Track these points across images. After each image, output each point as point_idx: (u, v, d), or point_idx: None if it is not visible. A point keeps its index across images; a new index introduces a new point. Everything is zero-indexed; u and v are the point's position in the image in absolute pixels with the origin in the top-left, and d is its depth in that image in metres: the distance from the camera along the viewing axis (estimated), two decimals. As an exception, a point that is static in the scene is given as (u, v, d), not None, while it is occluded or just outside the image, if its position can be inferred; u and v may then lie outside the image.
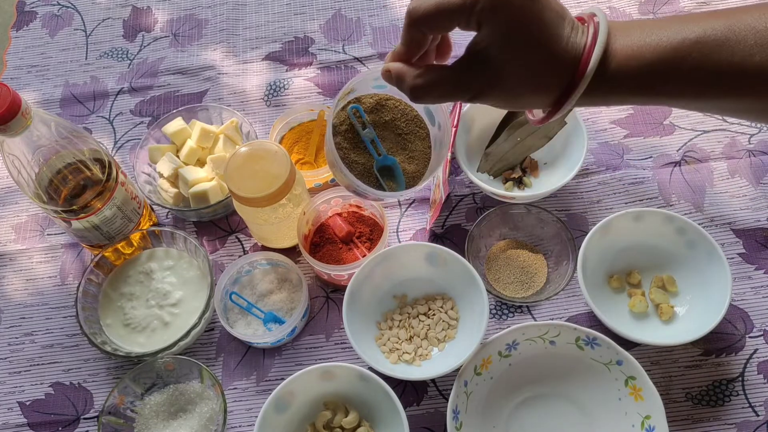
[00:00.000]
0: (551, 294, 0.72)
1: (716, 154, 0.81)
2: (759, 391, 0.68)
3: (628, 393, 0.64)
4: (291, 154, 0.80)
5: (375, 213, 0.76)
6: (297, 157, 0.81)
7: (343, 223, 0.76)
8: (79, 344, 0.75)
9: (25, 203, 0.84)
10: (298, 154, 0.82)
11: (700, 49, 0.40)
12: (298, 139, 0.82)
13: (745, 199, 0.78)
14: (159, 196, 0.80)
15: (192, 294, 0.74)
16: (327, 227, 0.76)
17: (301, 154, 0.82)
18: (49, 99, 0.92)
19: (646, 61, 0.41)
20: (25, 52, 0.97)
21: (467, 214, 0.80)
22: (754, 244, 0.75)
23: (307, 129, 0.83)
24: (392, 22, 0.95)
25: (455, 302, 0.72)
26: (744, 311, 0.72)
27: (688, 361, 0.70)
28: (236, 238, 0.81)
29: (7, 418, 0.72)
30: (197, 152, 0.81)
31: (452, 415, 0.63)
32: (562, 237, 0.74)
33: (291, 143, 0.82)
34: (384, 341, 0.71)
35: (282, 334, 0.70)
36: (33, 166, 0.64)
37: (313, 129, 0.82)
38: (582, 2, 0.93)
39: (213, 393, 0.69)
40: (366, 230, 0.76)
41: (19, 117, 0.58)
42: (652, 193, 0.79)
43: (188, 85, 0.92)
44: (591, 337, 0.65)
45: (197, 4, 0.99)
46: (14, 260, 0.81)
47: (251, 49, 0.94)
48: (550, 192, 0.75)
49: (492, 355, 0.67)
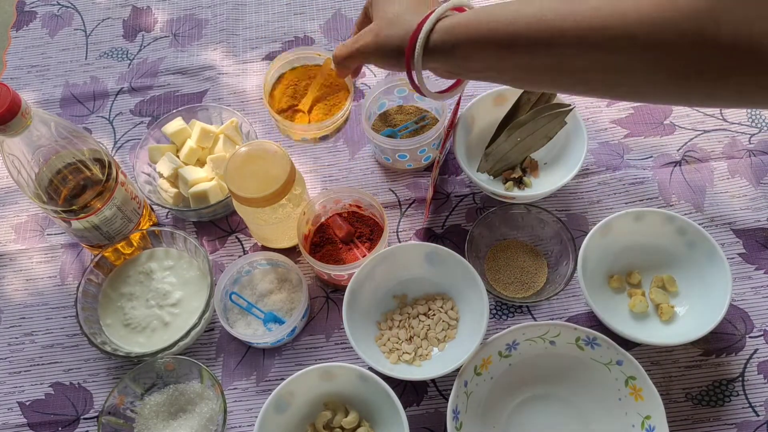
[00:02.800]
0: (551, 294, 0.72)
1: (716, 154, 0.81)
2: (759, 391, 0.68)
3: (628, 393, 0.64)
4: (284, 96, 0.73)
5: (375, 213, 0.76)
6: (290, 102, 0.73)
7: (343, 223, 0.76)
8: (79, 344, 0.75)
9: (25, 203, 0.84)
10: (293, 99, 0.73)
11: (482, 17, 0.50)
12: (297, 81, 0.73)
13: (745, 199, 0.78)
14: (159, 196, 0.80)
15: (192, 294, 0.74)
16: (327, 227, 0.76)
17: (297, 100, 0.73)
18: (49, 99, 0.92)
19: (456, 33, 0.51)
20: (25, 52, 0.97)
21: (467, 214, 0.80)
22: (754, 244, 0.75)
23: (310, 73, 0.73)
24: (392, 22, 0.95)
25: (455, 302, 0.72)
26: (744, 311, 0.72)
27: (688, 361, 0.70)
28: (236, 238, 0.81)
29: (7, 418, 0.72)
30: (197, 152, 0.81)
31: (452, 415, 0.63)
32: (562, 237, 0.74)
33: (288, 84, 0.73)
34: (384, 341, 0.71)
35: (282, 334, 0.70)
36: (33, 166, 0.64)
37: (316, 75, 0.73)
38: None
39: (213, 393, 0.69)
40: (366, 230, 0.76)
41: (19, 117, 0.58)
42: (652, 193, 0.79)
43: (188, 85, 0.92)
44: (591, 337, 0.65)
45: (197, 4, 0.99)
46: (14, 260, 0.81)
47: (251, 49, 0.94)
48: (550, 192, 0.75)
49: (492, 355, 0.67)
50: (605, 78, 0.45)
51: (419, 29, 0.53)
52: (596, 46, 0.44)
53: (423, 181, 0.82)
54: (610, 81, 0.46)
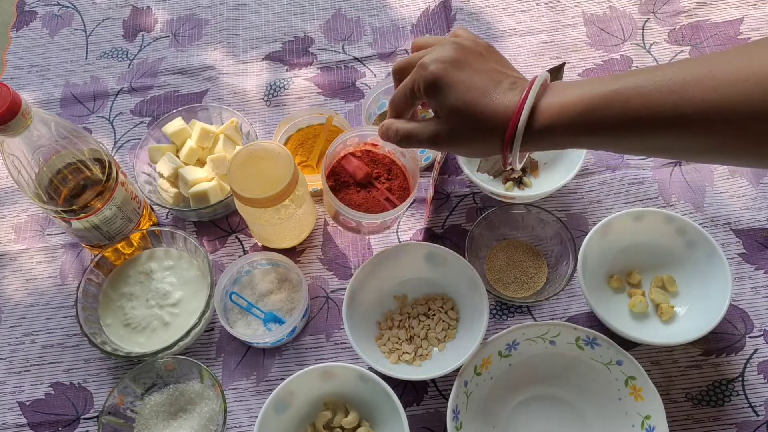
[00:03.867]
0: (551, 294, 0.72)
1: (716, 154, 0.81)
2: (759, 391, 0.68)
3: (628, 393, 0.64)
4: (295, 156, 0.80)
5: (392, 150, 0.70)
6: (299, 159, 0.81)
7: (360, 164, 0.70)
8: (79, 344, 0.75)
9: (25, 203, 0.84)
10: (301, 157, 0.81)
11: (618, 98, 0.45)
12: (304, 141, 0.82)
13: (745, 199, 0.78)
14: (159, 196, 0.80)
15: (192, 294, 0.74)
16: (341, 170, 0.70)
17: (305, 156, 0.81)
18: (49, 99, 0.92)
19: (571, 114, 0.47)
20: (25, 52, 0.97)
21: (467, 214, 0.80)
22: (754, 244, 0.75)
23: (315, 132, 0.82)
24: (392, 22, 0.95)
25: (455, 302, 0.72)
26: (744, 311, 0.72)
27: (688, 361, 0.70)
28: (236, 238, 0.81)
29: (7, 418, 0.72)
30: (197, 152, 0.81)
31: (452, 415, 0.63)
32: (562, 237, 0.74)
33: (296, 145, 0.82)
34: (384, 341, 0.71)
35: (282, 334, 0.70)
36: (33, 166, 0.64)
37: (320, 132, 0.81)
38: (582, 2, 0.93)
39: (213, 393, 0.69)
40: (383, 171, 0.71)
41: (19, 117, 0.58)
42: (652, 193, 0.79)
43: (188, 85, 0.92)
44: (591, 337, 0.65)
45: (197, 4, 0.99)
46: (14, 260, 0.81)
47: (251, 49, 0.94)
48: (550, 192, 0.75)
49: (492, 355, 0.67)
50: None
51: (518, 114, 0.48)
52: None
53: (423, 181, 0.82)
54: None
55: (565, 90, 0.48)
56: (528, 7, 0.94)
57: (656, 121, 0.44)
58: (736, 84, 0.41)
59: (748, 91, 0.41)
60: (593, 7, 0.93)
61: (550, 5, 0.94)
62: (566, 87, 0.48)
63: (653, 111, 0.44)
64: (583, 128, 0.47)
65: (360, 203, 0.69)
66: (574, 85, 0.48)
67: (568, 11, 0.93)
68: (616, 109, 0.45)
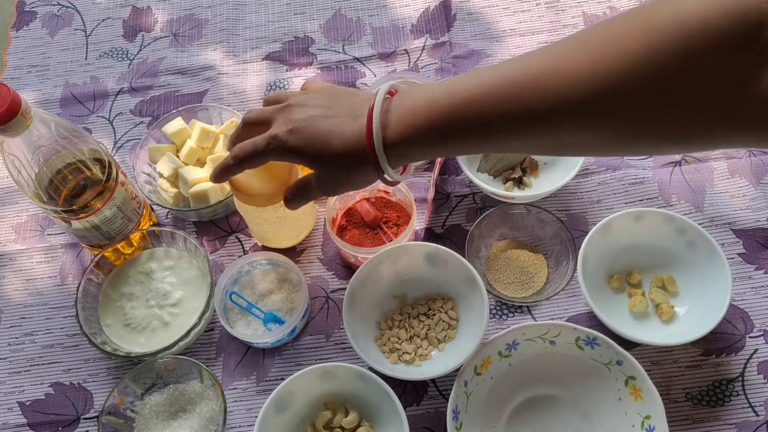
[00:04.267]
0: (551, 294, 0.72)
1: (716, 153, 0.81)
2: (759, 391, 0.68)
3: (628, 393, 0.64)
4: None
5: (402, 199, 0.76)
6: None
7: (370, 208, 0.76)
8: (79, 344, 0.75)
9: (25, 203, 0.84)
10: None
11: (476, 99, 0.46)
12: None
13: (745, 199, 0.78)
14: (159, 196, 0.80)
15: (192, 294, 0.74)
16: (354, 212, 0.77)
17: None
18: (49, 99, 0.92)
19: (427, 115, 0.48)
20: (25, 52, 0.97)
21: (467, 214, 0.80)
22: (754, 244, 0.75)
23: None
24: (392, 22, 0.95)
25: (455, 302, 0.72)
26: (744, 311, 0.72)
27: (688, 361, 0.70)
28: (236, 238, 0.81)
29: (7, 418, 0.72)
30: (197, 152, 0.81)
31: (452, 415, 0.63)
32: (562, 237, 0.74)
33: None
34: (384, 341, 0.71)
35: (282, 334, 0.70)
36: (33, 166, 0.64)
37: None
38: (582, 2, 0.93)
39: (213, 393, 0.69)
40: (393, 215, 0.77)
41: (19, 117, 0.58)
42: (652, 193, 0.79)
43: (188, 85, 0.92)
44: (591, 337, 0.65)
45: (197, 4, 0.99)
46: (14, 260, 0.81)
47: (251, 49, 0.94)
48: (550, 192, 0.75)
49: (492, 355, 0.67)
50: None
51: (369, 134, 0.50)
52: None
53: (423, 181, 0.82)
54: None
55: (411, 94, 0.50)
56: (528, 7, 0.94)
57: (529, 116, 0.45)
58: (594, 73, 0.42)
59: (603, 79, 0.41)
60: (593, 7, 0.93)
61: (550, 5, 0.94)
62: (411, 91, 0.50)
63: (520, 106, 0.45)
64: (444, 129, 0.48)
65: (364, 243, 0.75)
66: (416, 88, 0.50)
67: (568, 11, 0.93)
68: (476, 110, 0.46)
